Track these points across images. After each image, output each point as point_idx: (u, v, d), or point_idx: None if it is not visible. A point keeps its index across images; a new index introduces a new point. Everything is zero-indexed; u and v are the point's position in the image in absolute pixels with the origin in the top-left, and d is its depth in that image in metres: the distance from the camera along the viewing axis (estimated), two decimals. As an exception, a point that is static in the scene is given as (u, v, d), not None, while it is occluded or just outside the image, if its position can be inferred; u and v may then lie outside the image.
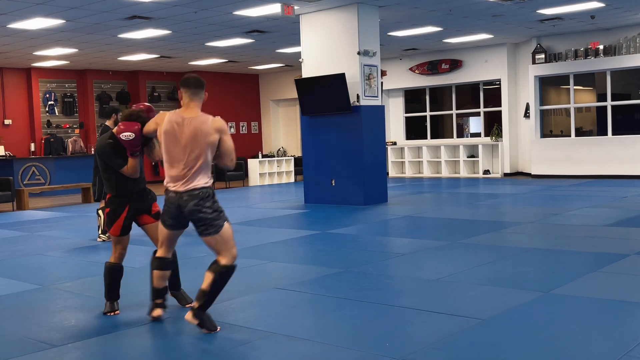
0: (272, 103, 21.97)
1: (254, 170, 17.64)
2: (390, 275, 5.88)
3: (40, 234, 9.42)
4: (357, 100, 11.38)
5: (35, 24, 11.90)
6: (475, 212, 10.07)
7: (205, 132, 4.16)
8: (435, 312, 4.55)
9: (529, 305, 4.66)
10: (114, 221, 4.80)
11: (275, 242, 7.95)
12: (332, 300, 5.04)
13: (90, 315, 4.89)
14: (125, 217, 4.80)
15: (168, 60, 17.46)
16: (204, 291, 4.24)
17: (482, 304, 4.80)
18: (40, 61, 16.71)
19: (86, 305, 5.21)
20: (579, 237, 7.55)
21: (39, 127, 17.95)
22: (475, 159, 17.70)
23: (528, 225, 8.57)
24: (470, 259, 6.40)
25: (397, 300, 4.94)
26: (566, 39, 15.88)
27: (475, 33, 15.28)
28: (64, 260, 7.27)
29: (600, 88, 16.37)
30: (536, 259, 6.42)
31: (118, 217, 4.79)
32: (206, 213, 4.20)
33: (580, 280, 5.39)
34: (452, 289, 5.30)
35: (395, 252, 6.94)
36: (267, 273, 6.21)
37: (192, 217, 4.24)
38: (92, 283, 5.98)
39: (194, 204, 4.18)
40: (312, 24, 11.94)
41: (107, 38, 13.72)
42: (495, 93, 17.68)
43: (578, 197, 11.65)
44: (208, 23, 12.64)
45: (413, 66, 18.59)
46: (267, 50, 16.48)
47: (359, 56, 11.36)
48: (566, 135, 16.45)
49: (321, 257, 6.93)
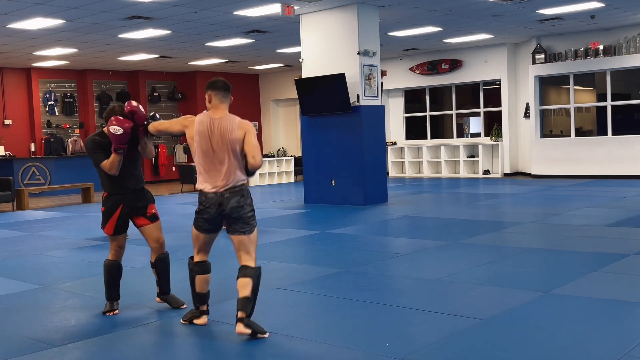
0: (272, 103, 21.97)
1: (254, 170, 17.64)
2: (390, 275, 5.88)
3: (40, 234, 9.42)
4: (357, 100, 11.38)
5: (35, 24, 11.90)
6: (475, 212, 10.07)
7: (232, 130, 4.22)
8: (435, 312, 4.55)
9: (529, 305, 4.66)
10: (108, 219, 4.79)
11: (275, 242, 7.95)
12: (332, 300, 5.04)
13: (90, 315, 4.89)
14: (118, 216, 4.78)
15: (168, 60, 17.46)
16: (248, 298, 4.16)
17: (482, 304, 4.80)
18: (40, 61, 16.71)
19: (86, 305, 5.21)
20: (579, 237, 7.54)
21: (39, 127, 17.94)
22: (475, 159, 17.70)
23: (528, 225, 8.57)
24: (470, 259, 6.40)
25: (397, 300, 4.94)
26: (566, 39, 15.88)
27: (475, 33, 15.28)
28: (64, 260, 7.27)
29: (600, 88, 16.37)
30: (536, 259, 6.42)
31: (111, 216, 4.77)
32: (246, 211, 4.28)
33: (580, 280, 5.39)
34: (452, 289, 5.30)
35: (395, 252, 6.94)
36: (267, 273, 6.21)
37: (233, 215, 4.25)
38: (92, 283, 5.98)
39: (236, 201, 4.23)
40: (312, 24, 11.94)
41: (107, 38, 13.73)
42: (495, 93, 17.68)
43: (578, 197, 11.65)
44: (208, 23, 12.64)
45: (413, 66, 18.59)
46: (267, 50, 16.48)
47: (359, 56, 11.36)
48: (566, 135, 16.45)
49: (321, 257, 6.93)
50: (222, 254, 6.53)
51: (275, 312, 4.79)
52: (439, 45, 17.01)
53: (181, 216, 10.58)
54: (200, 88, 20.12)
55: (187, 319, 4.52)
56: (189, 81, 20.30)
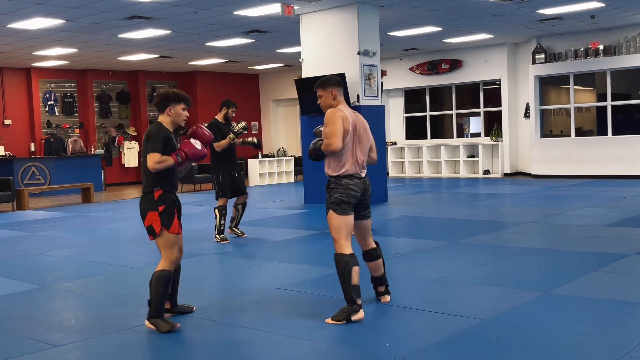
0: (272, 103, 21.96)
1: (254, 171, 17.65)
2: (390, 275, 5.87)
3: (40, 234, 9.42)
4: (357, 100, 11.38)
5: (35, 24, 11.90)
6: (476, 212, 10.07)
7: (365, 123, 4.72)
8: (436, 312, 4.55)
9: (529, 305, 4.66)
10: (172, 218, 4.38)
11: (275, 242, 7.95)
12: (332, 300, 5.03)
13: (90, 315, 4.89)
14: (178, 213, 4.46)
15: (168, 60, 17.47)
16: (383, 274, 4.82)
17: (482, 304, 4.80)
18: (40, 61, 16.72)
19: (86, 305, 5.21)
20: (579, 237, 7.54)
21: (39, 127, 17.95)
22: (475, 159, 17.70)
23: (528, 225, 8.57)
24: (470, 259, 6.40)
25: (397, 300, 4.94)
26: (566, 38, 15.89)
27: (475, 33, 15.28)
28: (64, 260, 7.27)
29: (600, 88, 16.36)
30: (536, 259, 6.42)
31: (175, 213, 4.41)
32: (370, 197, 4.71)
33: (580, 280, 5.39)
34: (452, 289, 5.30)
35: (395, 252, 6.94)
36: (267, 273, 6.22)
37: (366, 201, 4.66)
38: (92, 283, 5.98)
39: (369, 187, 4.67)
40: (312, 24, 11.94)
41: (107, 38, 13.73)
42: (495, 93, 17.68)
43: (578, 197, 11.65)
44: (208, 23, 12.64)
45: (413, 66, 18.59)
46: (267, 50, 16.48)
47: (359, 56, 11.36)
48: (566, 135, 16.45)
49: (321, 257, 6.94)
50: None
51: (276, 312, 4.79)
52: (439, 45, 17.01)
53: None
54: (200, 88, 20.13)
55: (342, 318, 4.32)
56: (189, 81, 20.30)
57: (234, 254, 7.26)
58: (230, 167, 8.00)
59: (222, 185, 7.92)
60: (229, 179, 7.97)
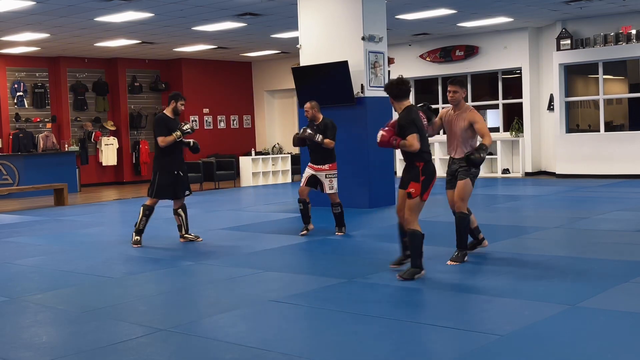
0: (266, 94, 21.98)
1: (246, 170, 17.65)
2: (398, 287, 5.88)
3: (8, 240, 9.42)
4: (361, 91, 11.39)
5: (2, 5, 11.90)
6: (494, 216, 10.07)
7: None
8: (449, 328, 4.55)
9: (553, 320, 4.66)
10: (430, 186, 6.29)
11: (270, 249, 7.95)
12: (333, 314, 5.04)
13: (63, 331, 4.89)
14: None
15: (150, 46, 17.48)
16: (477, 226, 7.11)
17: (500, 318, 4.81)
18: (8, 47, 16.72)
19: (59, 320, 5.21)
20: (609, 243, 7.55)
21: (7, 121, 17.95)
22: (493, 156, 17.70)
23: (552, 230, 8.58)
24: (487, 268, 6.40)
25: (406, 314, 4.94)
26: (595, 22, 15.89)
27: (493, 16, 15.28)
28: (35, 269, 7.26)
29: (632, 77, 16.38)
30: (561, 268, 6.42)
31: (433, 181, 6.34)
32: None
33: (610, 291, 5.39)
34: (467, 301, 5.31)
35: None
36: (261, 284, 6.22)
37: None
38: (65, 295, 5.98)
39: None
40: (311, 6, 11.94)
41: (82, 22, 13.73)
42: (516, 83, 17.70)
43: (608, 199, 11.66)
44: (195, 5, 12.65)
45: (424, 53, 18.61)
46: (261, 35, 16.50)
47: (363, 42, 11.36)
48: (594, 130, 16.46)
49: (321, 266, 6.93)
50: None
51: (270, 328, 4.79)
52: (453, 30, 17.02)
53: (165, 220, 10.53)
54: (186, 77, 20.14)
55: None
56: (174, 70, 20.31)
57: (224, 263, 7.25)
58: (174, 165, 8.22)
59: (158, 185, 8.20)
60: (171, 178, 8.20)
